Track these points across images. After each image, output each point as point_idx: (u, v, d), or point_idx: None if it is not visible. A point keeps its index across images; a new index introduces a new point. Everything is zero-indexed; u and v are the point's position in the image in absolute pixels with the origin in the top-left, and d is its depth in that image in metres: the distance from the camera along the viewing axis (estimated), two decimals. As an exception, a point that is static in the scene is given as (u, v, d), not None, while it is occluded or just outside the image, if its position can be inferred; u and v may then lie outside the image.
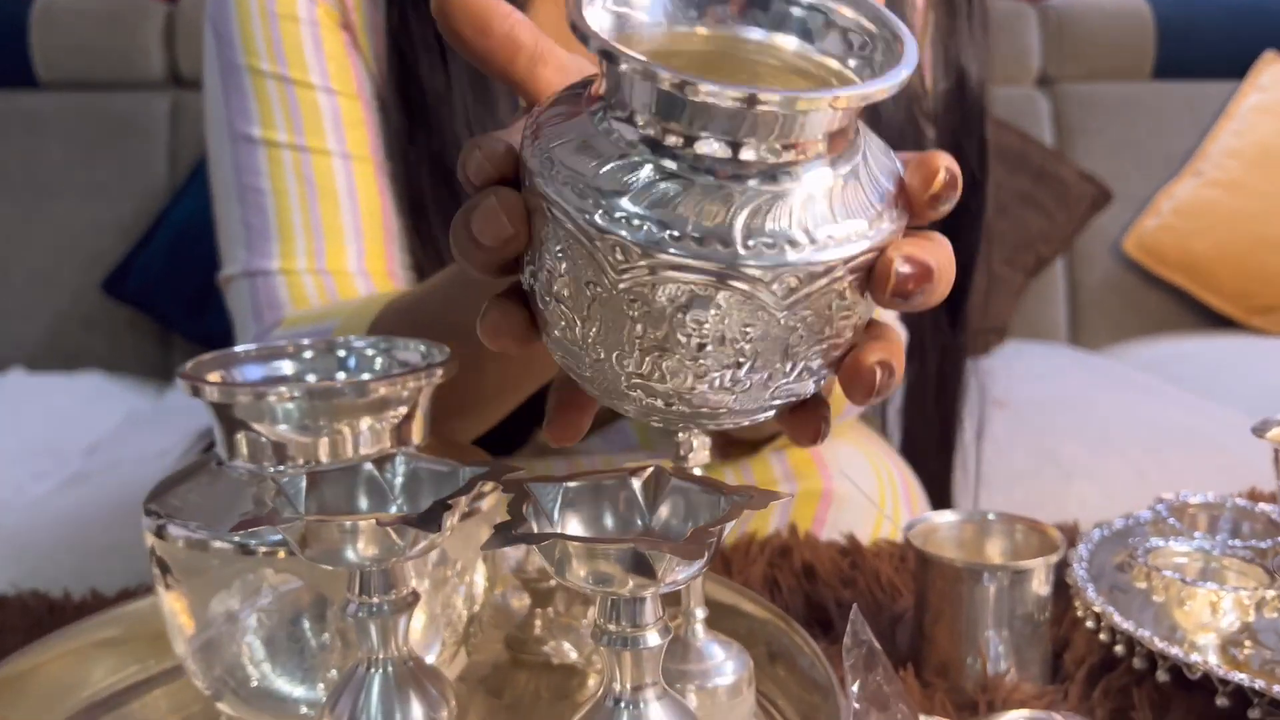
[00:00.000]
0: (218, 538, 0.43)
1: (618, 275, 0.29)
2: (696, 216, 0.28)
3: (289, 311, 0.70)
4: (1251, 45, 1.83)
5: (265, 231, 0.70)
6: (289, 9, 0.71)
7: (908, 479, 0.79)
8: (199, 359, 0.48)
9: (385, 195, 0.73)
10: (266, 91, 0.71)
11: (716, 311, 0.29)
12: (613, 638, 0.35)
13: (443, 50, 0.69)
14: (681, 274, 0.29)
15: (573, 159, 0.30)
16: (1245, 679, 0.46)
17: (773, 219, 0.29)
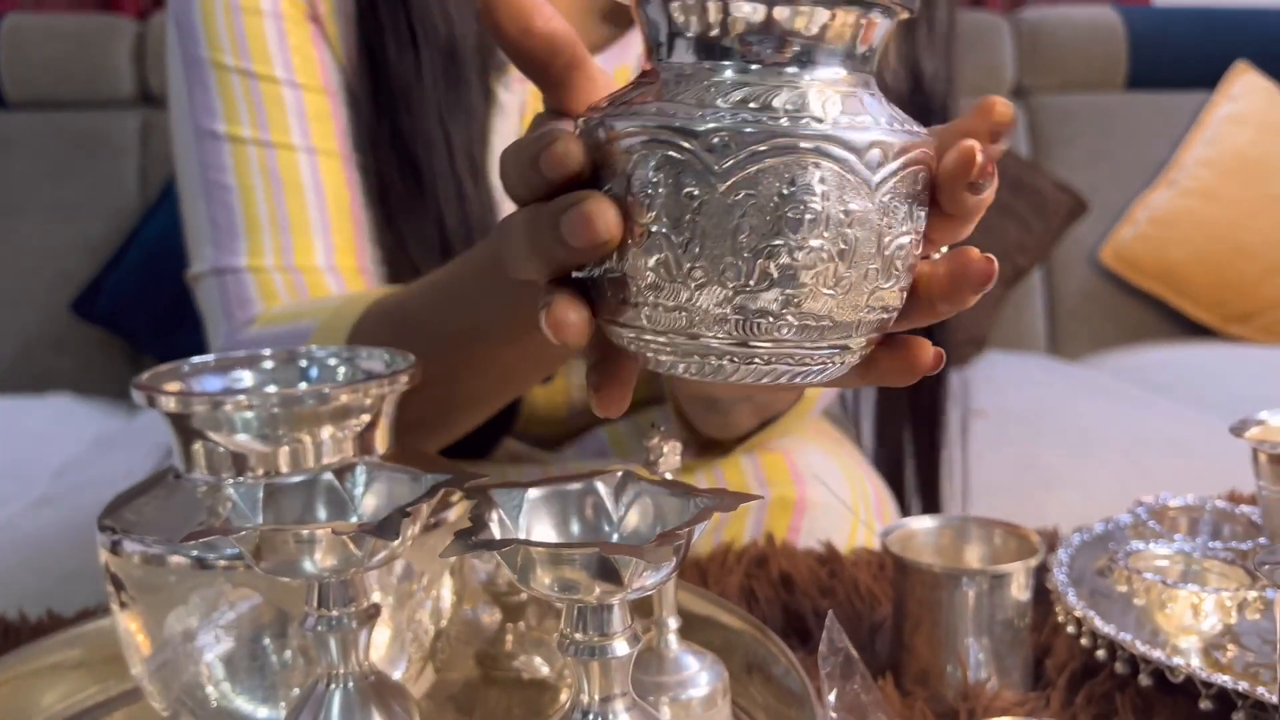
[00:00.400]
0: (174, 552, 0.41)
1: (723, 170, 0.30)
2: (782, 101, 0.30)
3: (259, 309, 0.69)
4: (1222, 56, 1.84)
5: (232, 228, 0.69)
6: (252, 2, 0.69)
7: (879, 488, 0.78)
8: (156, 370, 0.47)
9: (354, 189, 0.72)
10: (230, 86, 0.69)
11: (821, 186, 0.30)
12: (580, 647, 0.34)
13: (414, 38, 0.68)
14: (783, 154, 0.30)
15: (652, 104, 0.32)
16: (1229, 681, 0.45)
17: (849, 101, 0.31)
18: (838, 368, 0.34)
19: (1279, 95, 1.81)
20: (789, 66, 0.31)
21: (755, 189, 0.30)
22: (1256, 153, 1.77)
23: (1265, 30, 1.88)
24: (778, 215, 0.30)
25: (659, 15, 0.33)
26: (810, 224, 0.30)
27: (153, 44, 1.65)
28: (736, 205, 0.30)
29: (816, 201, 0.30)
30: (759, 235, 0.30)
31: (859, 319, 0.32)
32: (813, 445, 0.76)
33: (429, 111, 0.68)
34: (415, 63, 0.68)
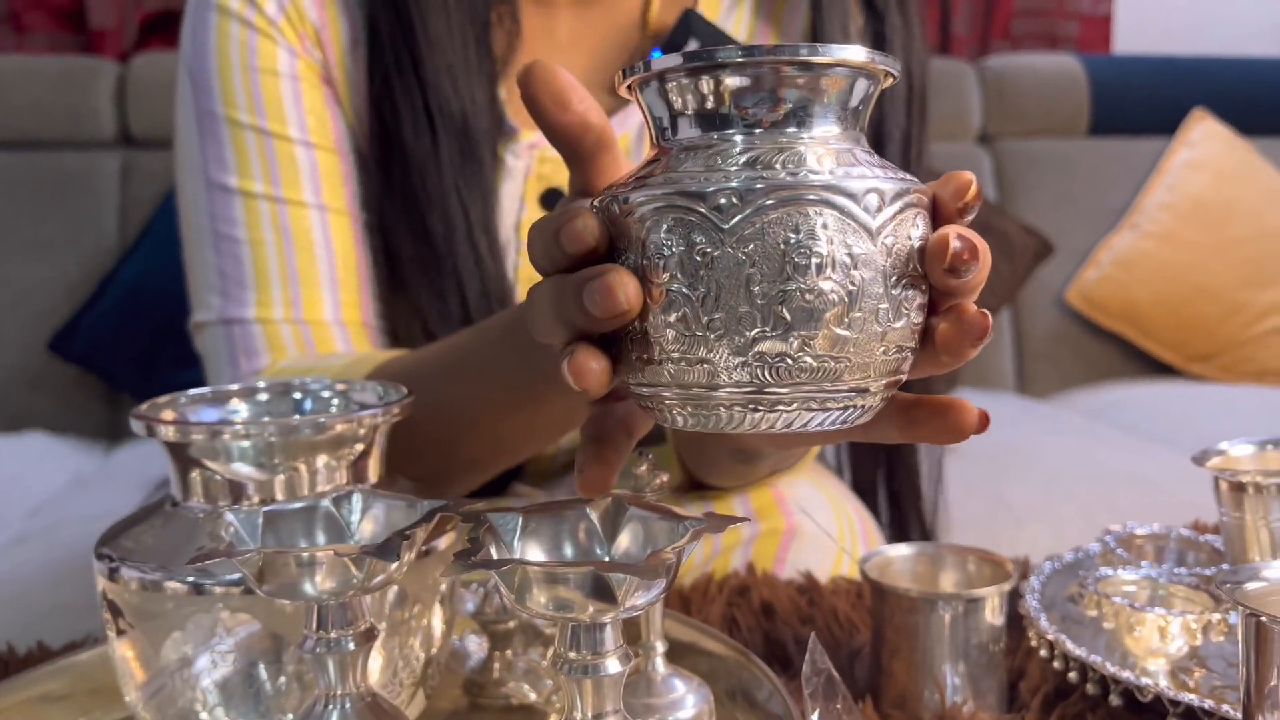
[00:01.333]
0: (172, 578, 0.42)
1: (731, 226, 0.32)
2: (782, 159, 0.33)
3: (267, 360, 0.70)
4: (1181, 103, 1.90)
5: (241, 280, 0.71)
6: (270, 63, 0.71)
7: (865, 518, 0.80)
8: (154, 400, 0.48)
9: (361, 246, 0.74)
10: (244, 143, 0.71)
11: (825, 231, 0.32)
12: (573, 666, 0.35)
13: (429, 113, 0.70)
14: (786, 206, 0.32)
15: (660, 175, 0.34)
16: (1195, 699, 0.46)
17: (843, 155, 0.34)
18: (859, 412, 0.35)
19: (1236, 142, 1.87)
20: (787, 127, 0.34)
21: (762, 239, 0.32)
22: (1215, 197, 1.83)
23: (1222, 79, 1.95)
24: (786, 261, 0.32)
25: (657, 99, 0.35)
26: (817, 267, 0.32)
27: (133, 86, 1.66)
28: (747, 257, 0.32)
29: (821, 245, 0.32)
30: (770, 282, 0.32)
31: (874, 360, 0.34)
32: (801, 479, 0.78)
33: (447, 192, 0.70)
34: (431, 138, 0.70)
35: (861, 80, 0.35)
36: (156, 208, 1.61)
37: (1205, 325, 1.79)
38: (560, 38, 0.77)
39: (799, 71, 0.33)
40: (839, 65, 0.34)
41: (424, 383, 0.57)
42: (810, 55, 0.33)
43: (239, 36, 0.71)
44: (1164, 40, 2.15)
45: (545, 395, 0.54)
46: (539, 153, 0.74)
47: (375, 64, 0.71)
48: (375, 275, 0.75)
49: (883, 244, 0.33)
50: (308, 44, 0.72)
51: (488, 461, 0.62)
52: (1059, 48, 2.13)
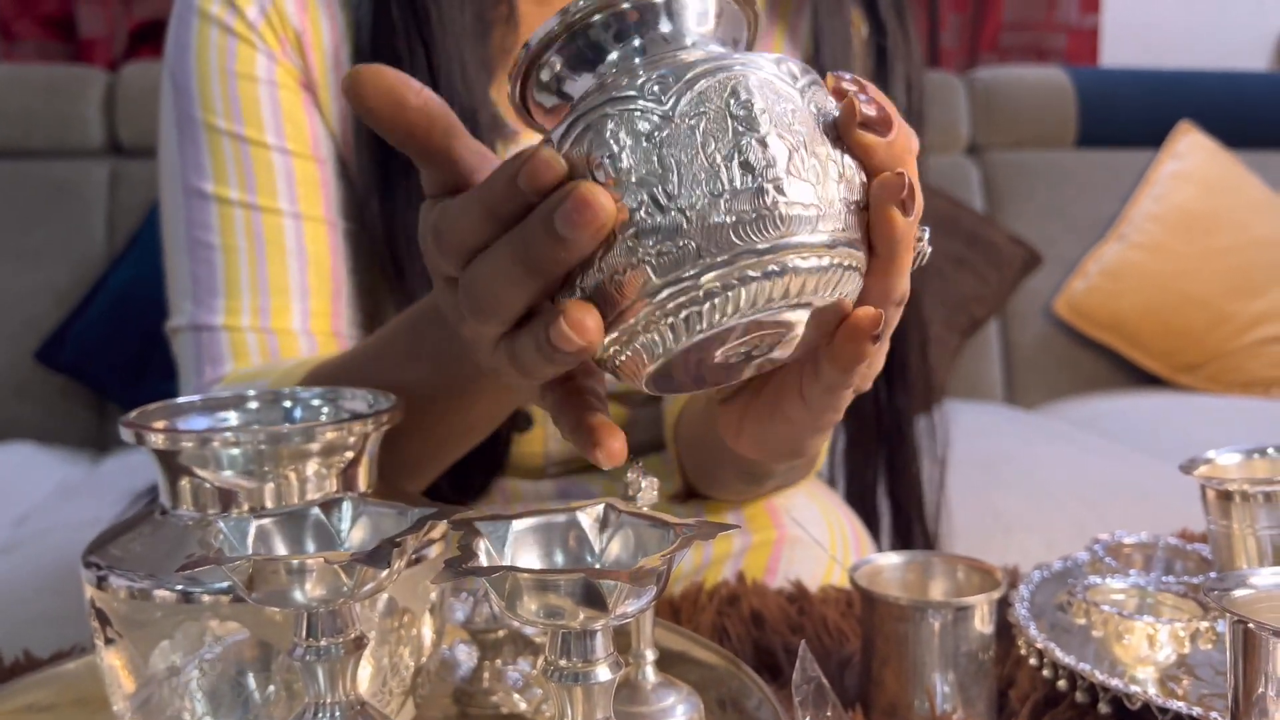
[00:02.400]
0: (160, 586, 0.42)
1: (671, 104, 0.33)
2: (689, 55, 0.35)
3: (229, 368, 0.70)
4: (1167, 115, 1.92)
5: (213, 286, 0.70)
6: (248, 68, 0.71)
7: (857, 528, 0.80)
8: (143, 408, 0.48)
9: (336, 255, 0.73)
10: (221, 148, 0.71)
11: (760, 91, 0.34)
12: (564, 673, 0.35)
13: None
14: (716, 75, 0.34)
15: (580, 105, 0.35)
16: (1183, 707, 0.47)
17: (730, 48, 0.37)
18: (842, 272, 0.35)
19: (1222, 154, 1.89)
20: (669, 45, 0.36)
21: (705, 107, 0.33)
22: (1201, 208, 1.84)
23: (1207, 91, 1.96)
24: (734, 120, 0.33)
25: (547, 91, 0.37)
26: (763, 119, 0.33)
27: (122, 95, 1.66)
28: (693, 127, 0.33)
29: (759, 102, 0.33)
30: (725, 142, 0.33)
31: (841, 206, 0.34)
32: (795, 490, 0.78)
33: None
34: None
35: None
36: (145, 216, 1.60)
37: (1192, 335, 1.80)
38: None
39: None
40: None
41: (350, 378, 0.57)
42: None
43: (218, 42, 0.71)
44: (1151, 53, 2.17)
45: (474, 376, 0.53)
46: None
47: (374, 56, 0.71)
48: (355, 284, 0.74)
49: (811, 107, 0.35)
50: (288, 49, 0.72)
51: (426, 458, 0.61)
52: (1047, 60, 2.15)
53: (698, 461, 0.72)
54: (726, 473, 0.67)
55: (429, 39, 0.69)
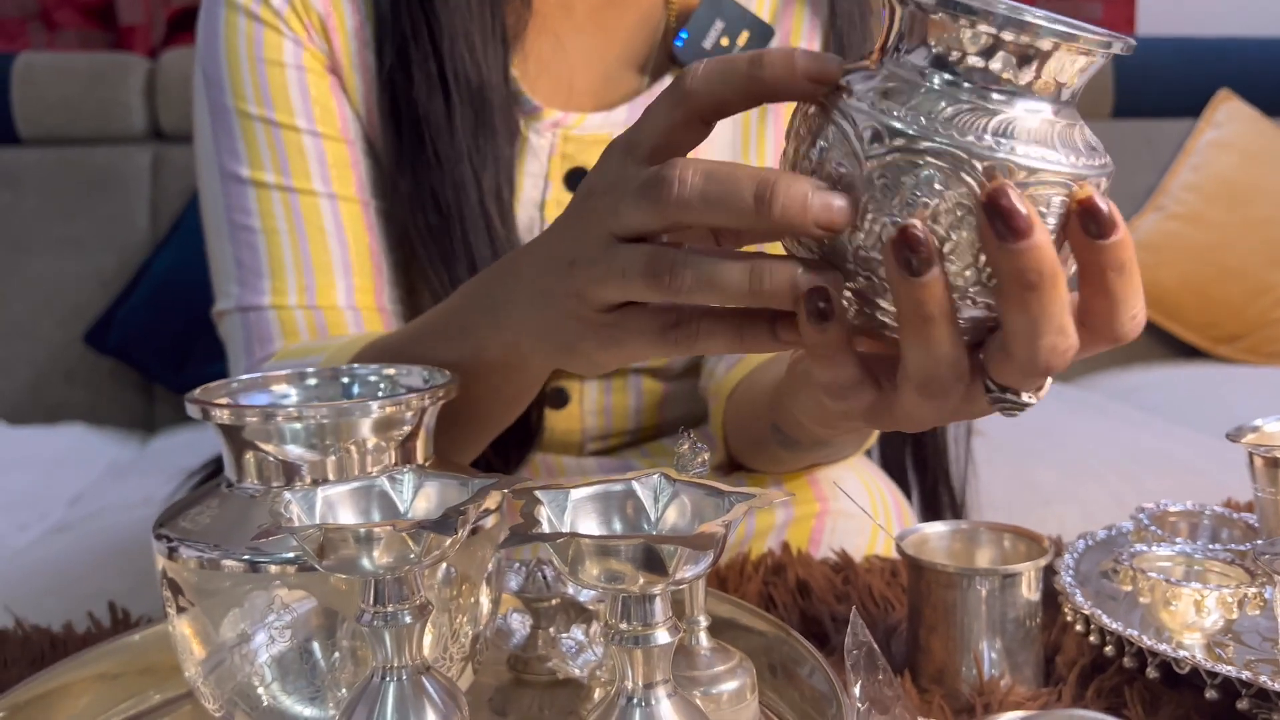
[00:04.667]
0: (229, 557, 0.44)
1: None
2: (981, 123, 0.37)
3: (279, 345, 0.72)
4: (1205, 84, 1.89)
5: (257, 268, 0.72)
6: (276, 54, 0.73)
7: (899, 498, 0.81)
8: (206, 386, 0.49)
9: (373, 233, 0.75)
10: (254, 134, 0.72)
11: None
12: (624, 636, 0.36)
13: (444, 86, 0.71)
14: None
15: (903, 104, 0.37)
16: (1233, 670, 0.47)
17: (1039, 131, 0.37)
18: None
19: (1262, 121, 1.86)
20: (997, 94, 0.37)
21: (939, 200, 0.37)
22: (1240, 178, 1.81)
23: (1246, 59, 1.93)
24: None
25: (908, 24, 0.38)
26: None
27: (163, 81, 1.68)
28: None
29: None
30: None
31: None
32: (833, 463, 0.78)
33: (459, 157, 0.71)
34: (444, 103, 0.71)
35: (1096, 54, 0.37)
36: (187, 201, 1.62)
37: (1231, 306, 1.78)
38: (578, 14, 0.77)
39: (1037, 47, 0.36)
40: (1088, 49, 0.36)
41: (405, 352, 0.58)
42: (1049, 24, 0.36)
43: (246, 30, 0.72)
44: (1187, 21, 2.13)
45: (521, 365, 0.54)
46: (563, 131, 0.75)
47: (386, 39, 0.72)
48: (392, 261, 0.76)
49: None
50: (313, 34, 0.73)
51: (473, 432, 0.62)
52: (1082, 30, 2.12)
53: (747, 429, 0.72)
54: (765, 435, 0.68)
55: (433, 17, 0.70)
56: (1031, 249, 0.36)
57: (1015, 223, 0.35)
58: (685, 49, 0.75)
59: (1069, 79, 0.37)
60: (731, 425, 0.74)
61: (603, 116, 0.76)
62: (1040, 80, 0.37)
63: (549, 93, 0.76)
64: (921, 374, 0.39)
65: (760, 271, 0.39)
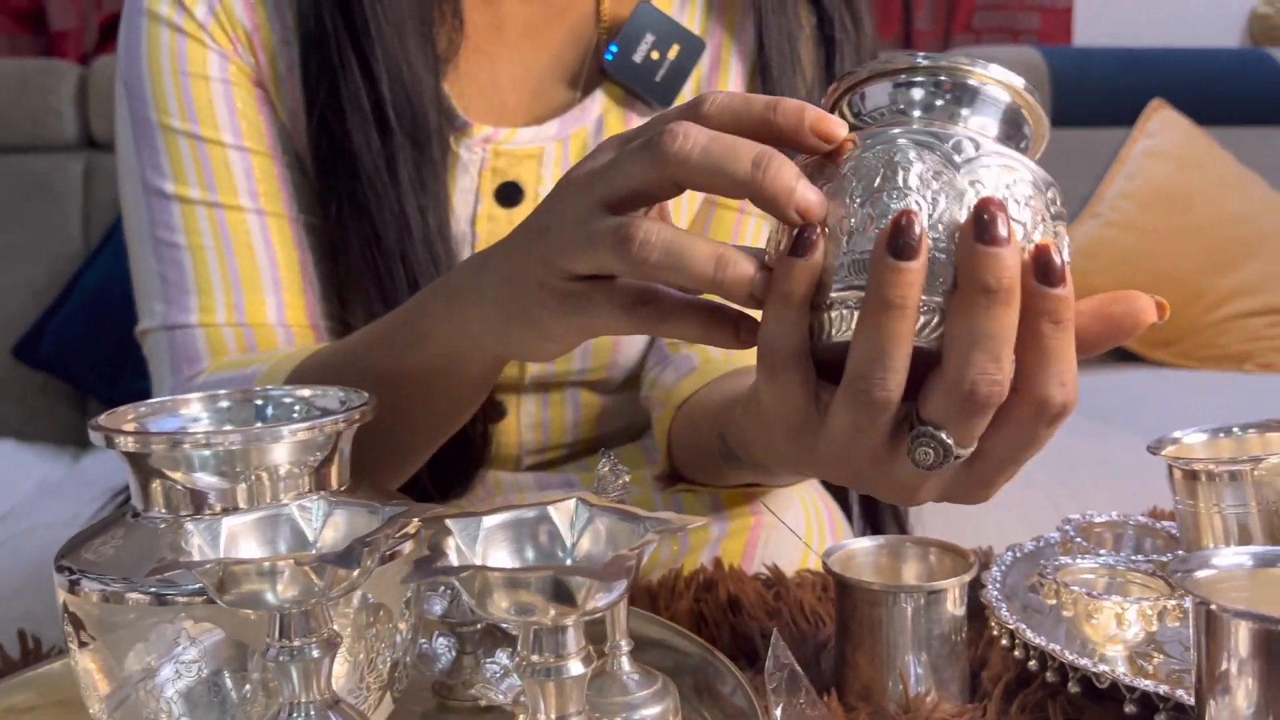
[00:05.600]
0: (134, 590, 0.42)
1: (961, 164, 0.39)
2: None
3: (207, 364, 0.70)
4: (1140, 94, 1.92)
5: (183, 285, 0.70)
6: (200, 68, 0.71)
7: (834, 512, 0.81)
8: (114, 410, 0.48)
9: (302, 248, 0.73)
10: (179, 149, 0.71)
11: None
12: (536, 669, 0.36)
13: (379, 113, 0.69)
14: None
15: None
16: (1150, 685, 0.47)
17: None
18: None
19: (1194, 131, 1.90)
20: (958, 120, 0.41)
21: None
22: (1174, 186, 1.85)
23: (1179, 69, 1.97)
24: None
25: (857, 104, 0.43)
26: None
27: (95, 88, 1.64)
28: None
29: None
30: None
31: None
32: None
33: (399, 190, 0.69)
34: (381, 141, 0.69)
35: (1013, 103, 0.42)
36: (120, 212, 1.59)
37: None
38: (509, 32, 0.76)
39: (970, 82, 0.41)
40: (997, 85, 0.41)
41: (347, 362, 0.57)
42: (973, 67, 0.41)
43: (169, 43, 0.71)
44: (1123, 31, 2.18)
45: (470, 354, 0.53)
46: (494, 146, 0.74)
47: (313, 65, 0.70)
48: (322, 275, 0.74)
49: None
50: (239, 47, 0.72)
51: (412, 444, 0.62)
52: (1020, 40, 2.15)
53: (695, 440, 0.72)
54: (717, 458, 0.68)
55: (363, 48, 0.69)
56: (1001, 255, 0.37)
57: (995, 229, 0.37)
58: (615, 62, 0.75)
59: (996, 114, 0.42)
60: (679, 435, 0.73)
61: (533, 131, 0.75)
62: (975, 110, 0.41)
63: (481, 109, 0.75)
64: (862, 366, 0.39)
65: (726, 258, 0.40)
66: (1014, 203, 0.39)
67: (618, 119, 0.77)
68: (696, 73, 0.77)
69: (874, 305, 0.38)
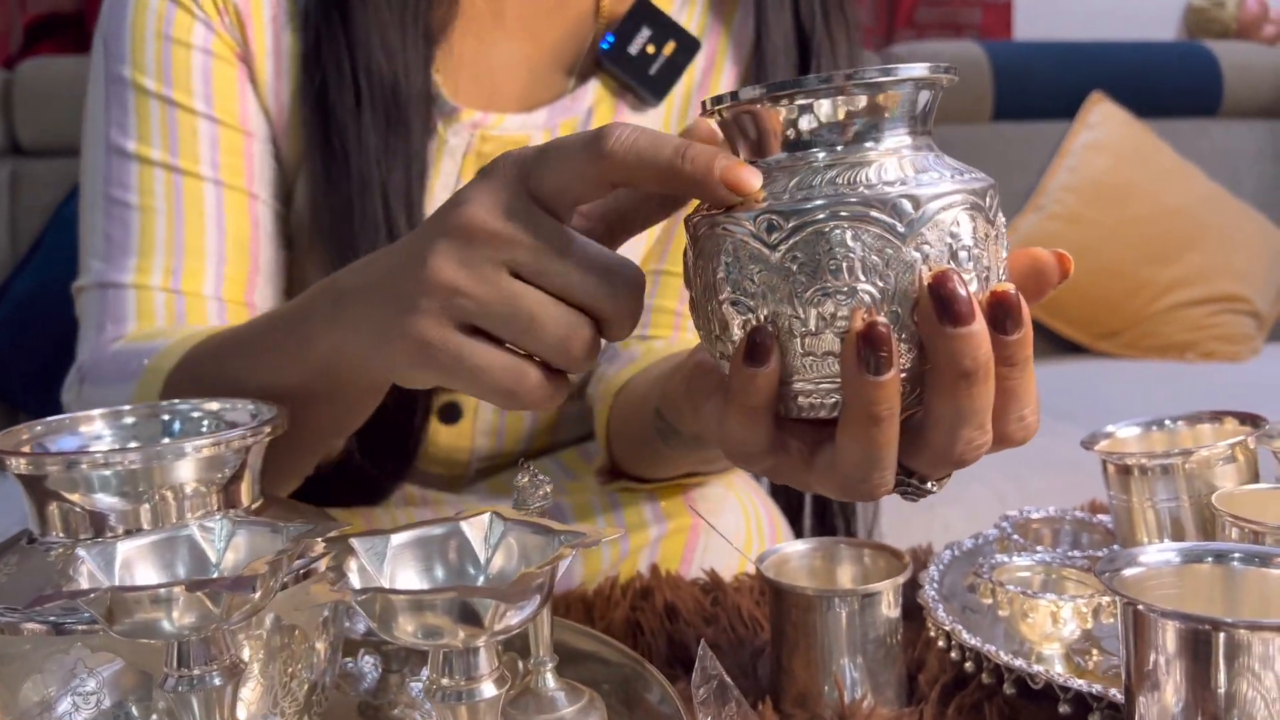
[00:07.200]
0: (30, 619, 0.40)
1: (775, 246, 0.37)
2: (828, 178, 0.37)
3: (132, 327, 0.69)
4: (1080, 87, 1.94)
5: (125, 245, 0.69)
6: (184, 35, 0.70)
7: (774, 514, 0.80)
8: (11, 429, 0.46)
9: (257, 227, 0.72)
10: (148, 110, 0.70)
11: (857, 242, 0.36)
12: (447, 692, 0.34)
13: (355, 75, 0.68)
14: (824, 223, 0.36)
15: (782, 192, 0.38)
16: (1084, 685, 0.47)
17: (915, 162, 0.38)
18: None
19: (1134, 123, 1.92)
20: (866, 142, 0.38)
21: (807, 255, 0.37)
22: (1114, 178, 1.87)
23: (1118, 62, 1.99)
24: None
25: (748, 125, 0.39)
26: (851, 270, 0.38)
27: (20, 93, 1.59)
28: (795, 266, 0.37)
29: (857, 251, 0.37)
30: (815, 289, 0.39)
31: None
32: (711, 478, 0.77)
33: (366, 155, 0.69)
34: (356, 107, 0.69)
35: (925, 91, 0.38)
36: (48, 219, 1.55)
37: (1110, 303, 1.84)
38: (508, 20, 0.76)
39: (869, 92, 0.37)
40: (905, 82, 0.37)
41: (238, 360, 0.55)
42: (878, 77, 0.37)
43: (157, 6, 0.70)
44: (1063, 25, 2.20)
45: (358, 369, 0.50)
46: (481, 131, 0.74)
47: (305, 32, 0.70)
48: (278, 260, 0.73)
49: (918, 248, 0.37)
50: (227, 20, 0.71)
51: (297, 452, 0.59)
52: (962, 35, 2.17)
53: (631, 427, 0.70)
54: (655, 440, 0.67)
55: (349, 13, 0.69)
56: (971, 336, 0.36)
57: (957, 307, 0.36)
58: (610, 52, 0.75)
59: (904, 114, 0.38)
60: (617, 423, 0.72)
61: (522, 118, 0.75)
62: (883, 121, 0.38)
63: (471, 93, 0.75)
64: (857, 472, 0.39)
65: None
66: (962, 252, 0.37)
67: (608, 111, 0.76)
68: (690, 72, 0.77)
69: (857, 418, 0.37)
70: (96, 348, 0.69)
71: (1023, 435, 0.39)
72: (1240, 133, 2.03)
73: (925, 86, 0.38)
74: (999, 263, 0.39)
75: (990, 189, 0.39)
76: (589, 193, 0.41)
